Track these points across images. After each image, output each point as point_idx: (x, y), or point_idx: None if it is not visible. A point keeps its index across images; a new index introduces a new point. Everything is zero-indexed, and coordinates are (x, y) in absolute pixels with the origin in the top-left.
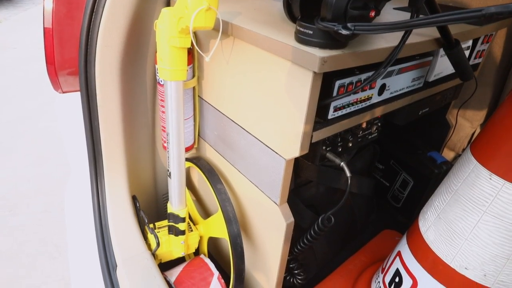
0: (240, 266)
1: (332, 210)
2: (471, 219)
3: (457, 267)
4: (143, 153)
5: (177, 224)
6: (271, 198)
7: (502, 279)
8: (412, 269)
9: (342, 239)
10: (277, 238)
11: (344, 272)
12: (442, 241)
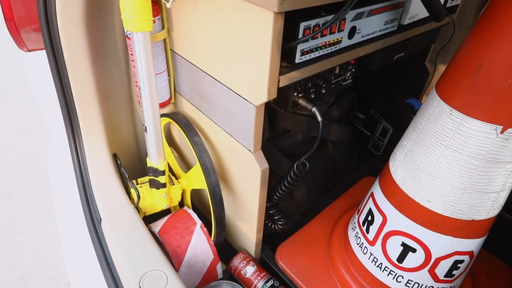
0: (220, 214)
1: (305, 156)
2: (434, 155)
3: (421, 201)
4: (121, 110)
5: (157, 177)
6: (245, 146)
7: (460, 208)
8: (382, 207)
9: (323, 188)
10: (254, 185)
11: (325, 217)
12: (409, 178)
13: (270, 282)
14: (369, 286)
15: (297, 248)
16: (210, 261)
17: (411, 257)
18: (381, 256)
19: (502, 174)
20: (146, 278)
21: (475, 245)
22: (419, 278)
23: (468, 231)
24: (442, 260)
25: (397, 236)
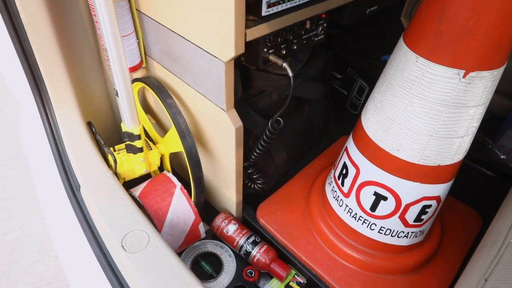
0: (198, 175)
1: (279, 113)
2: (401, 104)
3: (390, 150)
4: (92, 76)
5: (133, 142)
6: (218, 105)
7: (427, 154)
8: (355, 159)
9: (302, 148)
10: (229, 144)
11: (304, 176)
12: (379, 129)
13: (251, 238)
14: (345, 236)
15: (277, 206)
16: (192, 221)
17: (383, 205)
18: (355, 207)
19: (465, 119)
20: (128, 238)
21: (441, 190)
22: (390, 225)
23: (434, 177)
24: (411, 206)
25: (369, 186)
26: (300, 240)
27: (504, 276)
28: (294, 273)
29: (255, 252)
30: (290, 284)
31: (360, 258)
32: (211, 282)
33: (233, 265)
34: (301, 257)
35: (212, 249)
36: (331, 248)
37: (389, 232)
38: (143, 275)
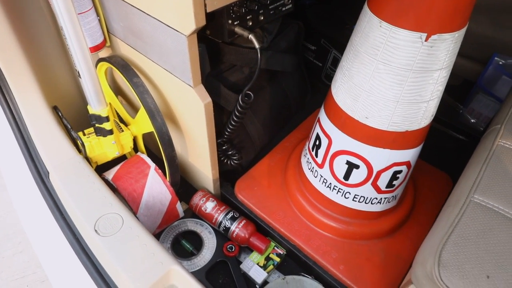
0: (171, 154)
1: (248, 86)
2: (368, 71)
3: (360, 118)
4: (53, 58)
5: (101, 124)
6: (185, 82)
7: (395, 120)
8: (327, 130)
9: (278, 122)
10: (200, 120)
11: (280, 150)
12: (348, 98)
13: (230, 214)
14: (322, 206)
15: (254, 181)
16: (168, 201)
17: (355, 174)
18: (329, 177)
19: (430, 83)
20: (101, 222)
21: (411, 155)
22: (364, 192)
23: (403, 143)
24: (382, 172)
25: (342, 155)
26: (278, 213)
27: (465, 233)
28: (273, 245)
29: (234, 227)
30: (270, 256)
31: (337, 227)
32: (192, 259)
33: (213, 241)
34: (280, 229)
35: (192, 227)
36: (308, 218)
37: (363, 200)
38: (118, 257)
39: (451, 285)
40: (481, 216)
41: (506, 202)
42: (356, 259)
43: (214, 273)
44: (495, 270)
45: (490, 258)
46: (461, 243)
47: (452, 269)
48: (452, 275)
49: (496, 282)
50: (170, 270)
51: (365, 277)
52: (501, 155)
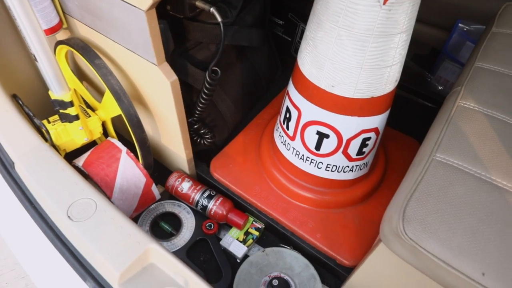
0: (141, 135)
1: (213, 62)
2: (330, 38)
3: (326, 87)
4: (7, 43)
5: (66, 110)
6: (148, 60)
7: (360, 87)
8: (296, 101)
9: (250, 99)
10: (168, 100)
11: (254, 127)
12: (313, 67)
13: (206, 192)
14: (296, 178)
15: (229, 158)
16: (143, 183)
17: (326, 143)
18: (301, 148)
19: (391, 47)
20: (73, 208)
21: (378, 122)
22: (335, 161)
23: (370, 109)
24: (352, 140)
25: (312, 126)
26: (254, 188)
27: (427, 189)
28: (252, 220)
29: (211, 205)
30: (249, 231)
31: (312, 197)
32: (172, 240)
33: (192, 221)
34: (257, 204)
35: (170, 209)
36: (284, 191)
37: (335, 169)
38: (94, 241)
39: (414, 237)
40: (442, 173)
41: (464, 158)
42: (332, 226)
43: (195, 252)
44: (454, 220)
45: (450, 210)
46: (423, 198)
47: (415, 223)
48: (415, 228)
49: (454, 230)
50: (148, 249)
51: (341, 242)
52: (461, 115)
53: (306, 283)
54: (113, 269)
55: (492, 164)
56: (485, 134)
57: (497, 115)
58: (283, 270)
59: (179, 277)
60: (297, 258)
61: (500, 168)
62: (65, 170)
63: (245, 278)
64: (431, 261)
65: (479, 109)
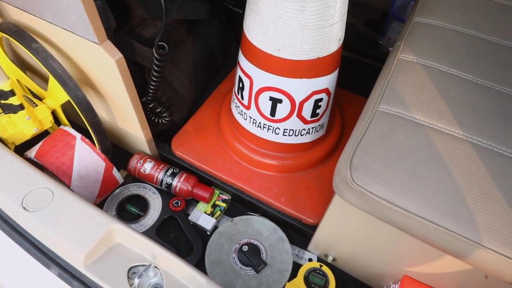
0: (94, 119)
1: (158, 37)
2: (271, 2)
3: (273, 52)
4: None
5: (7, 100)
6: (89, 39)
7: (305, 48)
8: (246, 70)
9: (206, 75)
10: (116, 79)
11: (212, 102)
12: (258, 33)
13: (169, 170)
14: (256, 146)
15: (190, 135)
16: (103, 168)
17: (280, 109)
18: (257, 116)
19: (330, 5)
20: (28, 198)
21: (327, 82)
22: (291, 125)
23: (317, 70)
24: (304, 103)
25: (264, 92)
26: (217, 161)
27: (371, 138)
28: (218, 193)
29: (175, 182)
30: (216, 203)
31: (273, 163)
32: (140, 221)
33: (158, 200)
34: (221, 176)
35: (135, 191)
36: (246, 161)
37: (292, 133)
38: (53, 228)
39: (361, 183)
40: (384, 122)
41: (404, 106)
42: (295, 189)
43: (164, 230)
44: (396, 163)
45: (392, 155)
46: (368, 147)
47: (361, 170)
48: (361, 175)
49: (396, 172)
50: (111, 229)
51: (305, 203)
52: (401, 68)
53: (275, 245)
54: (77, 252)
55: (429, 109)
56: (423, 83)
57: (433, 65)
58: (252, 236)
59: (147, 253)
60: (265, 223)
61: (436, 112)
62: (15, 163)
63: (216, 248)
64: (377, 203)
65: (417, 61)
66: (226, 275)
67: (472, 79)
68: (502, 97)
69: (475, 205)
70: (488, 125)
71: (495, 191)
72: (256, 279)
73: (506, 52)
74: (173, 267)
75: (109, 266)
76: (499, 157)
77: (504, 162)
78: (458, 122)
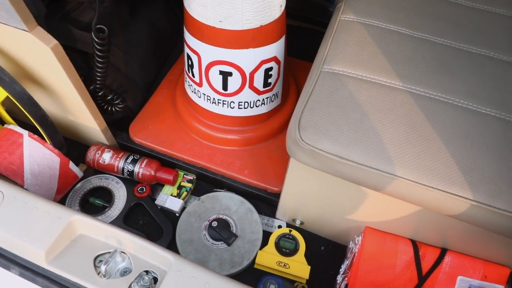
0: (39, 113)
1: (94, 20)
2: None
3: (215, 24)
4: None
5: None
6: (17, 27)
7: (246, 17)
8: (193, 46)
9: (156, 57)
10: (55, 68)
11: (167, 84)
12: (197, 6)
13: (130, 158)
14: (213, 123)
15: (148, 120)
16: (57, 163)
17: (231, 82)
18: (210, 92)
19: None
20: None
21: (275, 50)
22: (245, 97)
23: (262, 38)
24: (254, 73)
25: (213, 67)
26: (177, 143)
27: (317, 98)
28: (182, 174)
29: (137, 169)
30: (182, 185)
31: (233, 138)
32: (106, 212)
33: (123, 189)
34: (183, 157)
35: (98, 183)
36: (205, 139)
37: (247, 105)
38: (8, 229)
39: (310, 141)
40: (329, 81)
41: (347, 64)
42: (257, 161)
43: (132, 218)
44: (341, 119)
45: (337, 111)
46: (315, 107)
47: (309, 129)
48: (309, 134)
49: (342, 127)
50: (72, 221)
51: (268, 173)
52: (343, 28)
53: (244, 217)
54: (37, 249)
55: (370, 65)
56: (363, 41)
57: (373, 23)
58: (220, 212)
59: (112, 240)
60: (232, 197)
61: (377, 67)
62: None
63: (186, 228)
64: (327, 158)
65: (358, 20)
66: (198, 252)
67: (409, 32)
68: (436, 47)
69: (416, 149)
70: (425, 75)
71: (433, 134)
72: (229, 252)
73: (439, 5)
74: (140, 249)
75: (73, 258)
76: (435, 103)
77: (440, 107)
78: (397, 74)
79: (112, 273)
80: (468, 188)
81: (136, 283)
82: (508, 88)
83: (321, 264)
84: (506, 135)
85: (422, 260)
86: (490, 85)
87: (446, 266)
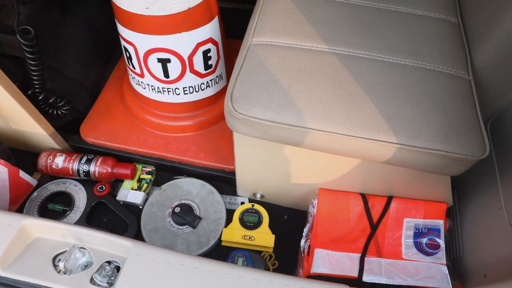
0: None
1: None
2: None
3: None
4: None
5: None
6: None
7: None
8: (126, 37)
9: (99, 56)
10: None
11: (114, 81)
12: None
13: (84, 158)
14: (162, 112)
15: (98, 119)
16: (6, 174)
17: (171, 68)
18: (153, 81)
19: None
20: None
21: (209, 31)
22: (189, 82)
23: (193, 21)
24: (193, 57)
25: (150, 55)
26: (131, 137)
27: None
28: (141, 167)
29: (93, 168)
30: (141, 177)
31: (184, 124)
32: (67, 216)
33: (82, 191)
34: (139, 150)
35: (55, 189)
36: (158, 129)
37: (192, 90)
38: None
39: (243, 111)
40: (258, 53)
41: (274, 35)
42: (211, 143)
43: (95, 217)
44: (271, 86)
45: (267, 79)
46: (245, 78)
47: (241, 99)
48: (242, 103)
49: (272, 94)
50: (24, 226)
51: (223, 153)
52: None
53: (206, 199)
54: None
55: (296, 32)
56: (289, 11)
57: None
58: (182, 197)
59: (69, 237)
60: (192, 182)
61: (302, 34)
62: None
63: (150, 218)
64: (261, 124)
65: None
66: (165, 239)
67: None
68: (358, 9)
69: (344, 104)
70: (348, 36)
71: (358, 89)
72: (195, 234)
73: None
74: (98, 242)
75: (31, 261)
76: (359, 60)
77: (363, 63)
78: (322, 38)
79: (73, 269)
80: (392, 133)
81: (98, 274)
82: (423, 39)
83: (286, 232)
84: (422, 81)
85: (371, 210)
86: (408, 39)
87: (393, 212)
